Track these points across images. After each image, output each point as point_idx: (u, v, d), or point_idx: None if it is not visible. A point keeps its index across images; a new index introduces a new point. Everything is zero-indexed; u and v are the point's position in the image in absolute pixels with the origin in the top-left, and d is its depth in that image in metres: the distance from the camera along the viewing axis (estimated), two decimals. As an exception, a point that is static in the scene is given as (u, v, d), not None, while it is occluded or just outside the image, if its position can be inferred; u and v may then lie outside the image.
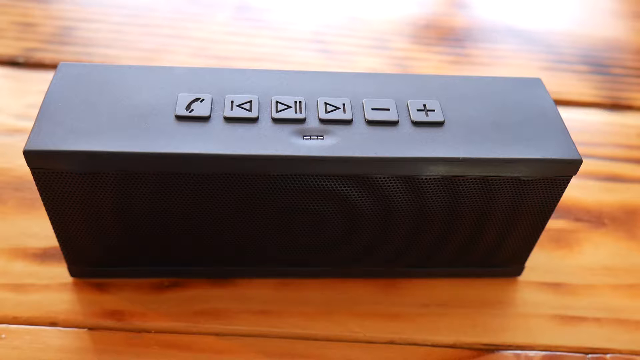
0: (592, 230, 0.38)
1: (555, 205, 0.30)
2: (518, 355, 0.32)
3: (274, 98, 0.29)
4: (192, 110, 0.28)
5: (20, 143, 0.40)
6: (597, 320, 0.33)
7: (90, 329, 0.31)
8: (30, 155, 0.26)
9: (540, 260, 0.36)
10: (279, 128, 0.28)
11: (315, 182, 0.28)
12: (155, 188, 0.28)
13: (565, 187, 0.29)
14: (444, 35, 0.55)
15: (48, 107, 0.28)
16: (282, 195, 0.28)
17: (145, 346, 0.30)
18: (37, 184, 0.27)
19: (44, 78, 0.46)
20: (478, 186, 0.29)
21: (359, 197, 0.29)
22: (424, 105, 0.29)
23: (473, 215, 0.30)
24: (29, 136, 0.26)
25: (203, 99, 0.28)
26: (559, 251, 0.37)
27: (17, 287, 0.32)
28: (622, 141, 0.45)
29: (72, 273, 0.33)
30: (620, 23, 0.59)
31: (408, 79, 0.31)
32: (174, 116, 0.28)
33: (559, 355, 0.32)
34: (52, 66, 0.47)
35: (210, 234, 0.30)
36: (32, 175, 0.27)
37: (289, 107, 0.29)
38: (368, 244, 0.31)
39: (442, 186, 0.28)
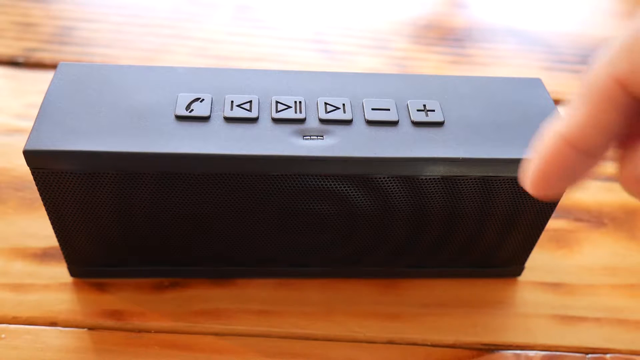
0: (592, 230, 0.38)
1: (555, 206, 0.30)
2: (518, 355, 0.32)
3: (274, 98, 0.29)
4: (192, 110, 0.28)
5: (20, 143, 0.40)
6: (596, 320, 0.33)
7: (90, 328, 0.31)
8: (30, 156, 0.26)
9: (540, 260, 0.36)
10: (278, 128, 0.28)
11: (315, 182, 0.28)
12: (154, 188, 0.27)
13: (565, 187, 0.29)
14: (443, 35, 0.55)
15: (48, 107, 0.28)
16: (281, 195, 0.28)
17: (145, 346, 0.30)
18: (37, 184, 0.27)
19: (44, 78, 0.46)
20: (478, 186, 0.28)
21: (359, 197, 0.29)
22: (424, 105, 0.29)
23: (473, 215, 0.30)
24: (29, 136, 0.26)
25: (203, 99, 0.28)
26: (558, 251, 0.37)
27: (17, 287, 0.32)
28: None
29: (72, 273, 0.33)
30: (620, 23, 0.59)
31: (408, 79, 0.31)
32: (173, 116, 0.28)
33: (559, 355, 0.32)
34: (52, 66, 0.47)
35: (210, 234, 0.30)
36: (32, 175, 0.27)
37: (289, 107, 0.29)
38: (368, 244, 0.31)
39: (442, 186, 0.28)
